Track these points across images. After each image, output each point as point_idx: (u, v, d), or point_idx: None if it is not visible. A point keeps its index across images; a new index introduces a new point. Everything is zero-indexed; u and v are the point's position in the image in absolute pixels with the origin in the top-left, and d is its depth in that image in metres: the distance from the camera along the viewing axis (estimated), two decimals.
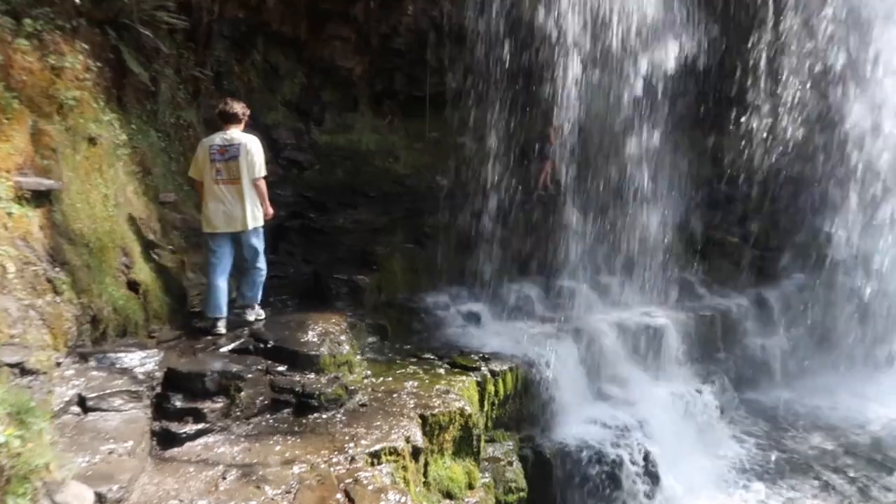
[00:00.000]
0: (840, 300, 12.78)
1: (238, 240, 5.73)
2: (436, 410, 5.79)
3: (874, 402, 11.22)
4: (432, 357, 7.54)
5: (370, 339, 7.84)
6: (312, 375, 5.69)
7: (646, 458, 8.20)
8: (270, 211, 5.97)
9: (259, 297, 6.23)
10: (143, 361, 4.49)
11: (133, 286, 5.59)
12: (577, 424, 8.57)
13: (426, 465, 5.50)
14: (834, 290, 12.89)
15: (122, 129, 6.49)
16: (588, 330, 9.95)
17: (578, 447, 8.02)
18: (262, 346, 5.93)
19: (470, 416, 6.11)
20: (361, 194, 10.89)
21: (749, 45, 13.05)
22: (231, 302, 6.07)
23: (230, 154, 5.38)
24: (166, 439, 4.37)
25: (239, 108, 5.52)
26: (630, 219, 11.92)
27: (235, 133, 5.49)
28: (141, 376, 4.34)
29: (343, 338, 6.45)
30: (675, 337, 10.72)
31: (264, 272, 6.11)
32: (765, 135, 13.28)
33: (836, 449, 9.64)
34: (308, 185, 10.11)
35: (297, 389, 5.33)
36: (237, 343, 6.01)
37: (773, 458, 9.43)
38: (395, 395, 6.00)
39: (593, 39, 10.52)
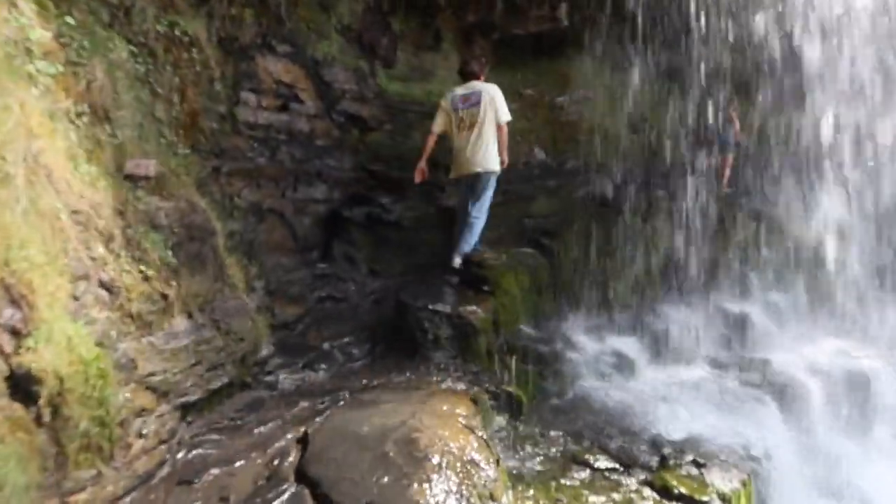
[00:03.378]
0: None
1: (470, 183, 5.41)
2: None
3: None
4: (613, 465, 4.14)
5: (497, 421, 4.40)
6: None
7: None
8: (506, 159, 5.51)
9: (476, 242, 5.57)
10: None
11: (21, 387, 2.12)
12: None
13: None
14: None
15: (41, 19, 2.98)
16: (785, 384, 6.52)
17: None
18: None
19: None
20: (444, 168, 7.35)
21: None
22: None
23: (472, 101, 5.22)
24: None
25: (476, 65, 5.54)
26: (808, 216, 8.32)
27: (476, 83, 5.36)
28: None
29: (492, 473, 2.96)
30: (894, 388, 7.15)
31: (483, 220, 5.54)
32: None
33: None
34: (374, 153, 6.60)
35: None
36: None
37: None
38: None
39: None
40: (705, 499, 3.77)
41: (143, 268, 3.12)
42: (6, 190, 2.44)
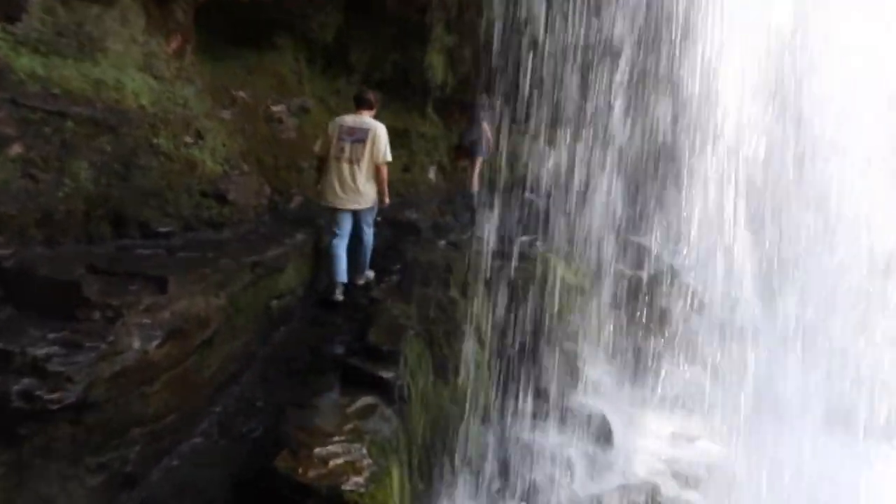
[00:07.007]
0: None
1: (354, 216, 5.34)
2: None
3: None
4: None
5: None
6: None
7: None
8: (387, 200, 5.37)
9: (367, 263, 5.50)
10: None
11: None
12: None
13: None
14: None
15: None
16: None
17: None
18: None
19: None
20: (144, 230, 3.75)
21: None
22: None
23: (357, 137, 5.18)
24: None
25: (372, 95, 5.40)
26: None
27: (366, 118, 5.28)
28: None
29: None
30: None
31: (371, 242, 5.47)
32: None
33: None
34: None
35: None
36: None
37: None
38: None
39: None
40: None
41: None
42: None
